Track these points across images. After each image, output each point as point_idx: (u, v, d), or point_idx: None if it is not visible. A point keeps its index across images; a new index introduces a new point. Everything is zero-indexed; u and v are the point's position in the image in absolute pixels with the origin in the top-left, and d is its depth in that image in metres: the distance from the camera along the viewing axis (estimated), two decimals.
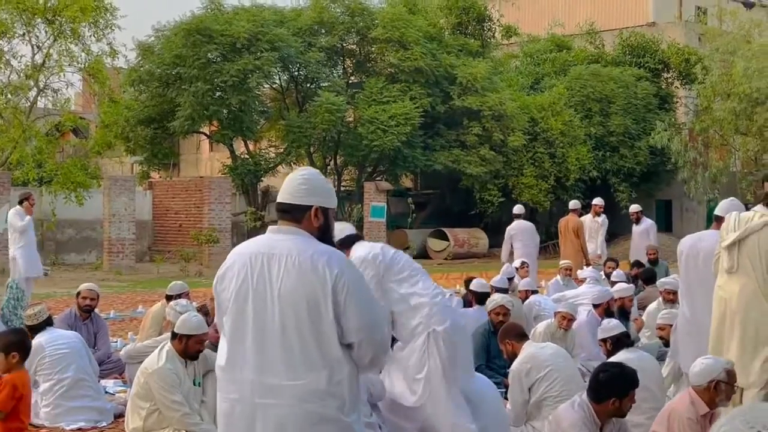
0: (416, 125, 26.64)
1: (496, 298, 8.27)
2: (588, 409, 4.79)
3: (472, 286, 9.70)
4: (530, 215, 32.00)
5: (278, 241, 3.36)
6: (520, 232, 14.81)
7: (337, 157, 28.97)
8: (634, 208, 15.35)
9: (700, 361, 4.96)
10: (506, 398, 6.79)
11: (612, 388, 4.79)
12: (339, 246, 3.84)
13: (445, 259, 27.34)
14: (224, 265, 3.44)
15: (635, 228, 15.14)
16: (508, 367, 6.80)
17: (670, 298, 9.62)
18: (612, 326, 6.47)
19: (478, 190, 28.42)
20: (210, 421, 5.89)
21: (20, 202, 13.33)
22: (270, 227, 3.44)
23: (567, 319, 8.26)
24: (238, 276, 3.34)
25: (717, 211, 6.54)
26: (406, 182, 32.57)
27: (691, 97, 33.13)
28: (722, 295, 5.46)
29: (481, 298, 9.50)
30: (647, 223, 15.32)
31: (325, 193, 3.47)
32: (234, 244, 25.43)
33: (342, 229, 5.07)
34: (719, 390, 4.79)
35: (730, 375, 4.86)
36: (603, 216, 15.48)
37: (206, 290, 16.27)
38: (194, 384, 6.09)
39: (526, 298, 10.36)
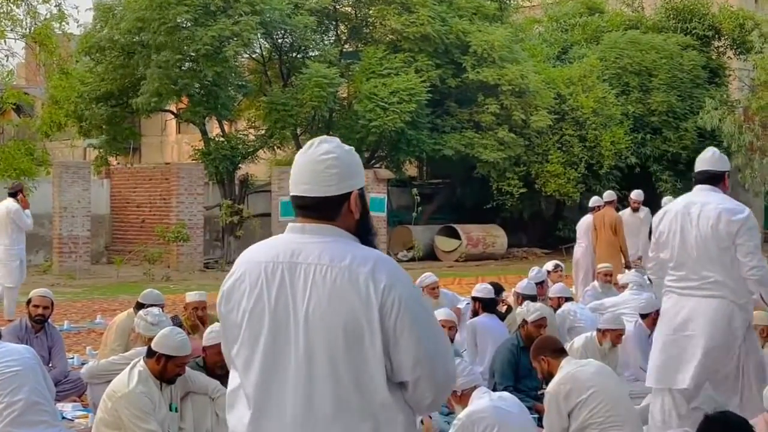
0: (422, 102, 26.58)
1: (532, 308, 8.24)
2: None
3: (477, 292, 9.70)
4: (556, 209, 32.21)
5: (303, 244, 3.00)
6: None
7: None
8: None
9: None
10: (540, 425, 6.77)
11: None
12: None
13: (457, 260, 27.33)
14: (230, 277, 3.10)
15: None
16: (541, 389, 6.78)
17: None
18: None
19: (495, 180, 28.38)
20: None
21: (13, 195, 13.52)
22: (291, 225, 3.10)
23: (619, 335, 8.24)
24: (250, 292, 3.00)
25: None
26: (411, 170, 32.52)
27: (746, 69, 33.11)
28: None
29: (488, 305, 9.50)
30: (644, 211, 15.57)
31: (360, 169, 3.14)
32: (207, 242, 25.59)
33: None
34: None
35: None
36: (646, 210, 15.50)
37: (175, 297, 16.27)
38: (171, 409, 6.07)
39: (559, 306, 10.35)
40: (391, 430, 2.94)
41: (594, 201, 15.53)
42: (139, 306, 8.64)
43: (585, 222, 15.37)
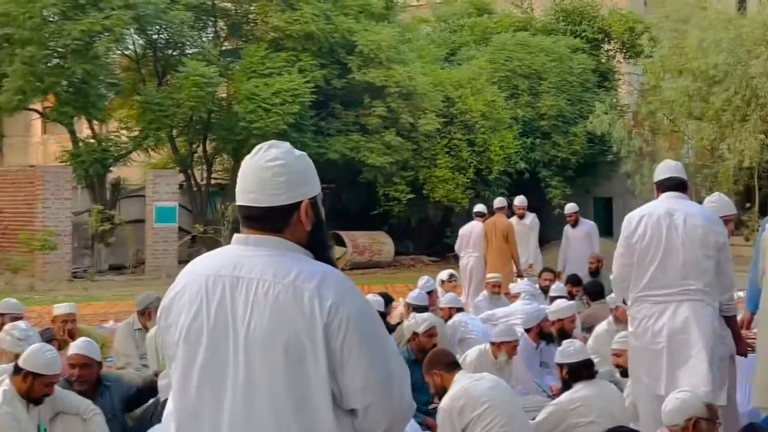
0: (306, 104, 26.53)
1: (420, 318, 8.28)
2: None
3: (412, 299, 9.75)
4: (444, 216, 32.50)
5: (247, 257, 2.88)
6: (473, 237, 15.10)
7: (207, 142, 28.59)
8: (571, 207, 15.57)
9: (674, 396, 5.04)
10: None
11: None
12: None
13: (342, 268, 27.13)
14: (171, 290, 2.98)
15: (572, 232, 15.33)
16: (433, 404, 6.80)
17: (625, 317, 9.82)
18: (574, 350, 6.55)
19: (381, 185, 28.49)
20: None
21: None
22: (236, 236, 2.97)
23: (515, 347, 8.33)
24: (189, 308, 2.89)
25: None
26: None
27: (636, 73, 34.02)
28: None
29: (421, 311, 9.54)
30: (588, 225, 15.57)
31: (313, 176, 3.03)
32: (75, 250, 25.03)
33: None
34: (699, 429, 4.87)
35: (711, 410, 4.95)
36: (532, 216, 15.67)
37: (41, 309, 15.85)
38: (39, 431, 5.88)
39: (450, 317, 10.42)
40: None
41: (479, 208, 15.68)
42: None
43: (473, 230, 15.46)
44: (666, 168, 6.57)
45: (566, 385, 6.35)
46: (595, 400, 6.02)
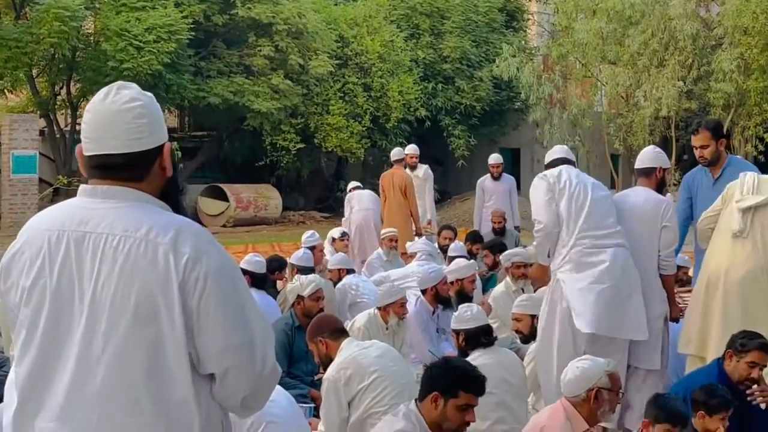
0: (184, 42, 26.17)
1: (305, 281, 8.29)
2: (416, 419, 4.84)
3: (247, 265, 9.68)
4: (337, 167, 32.51)
5: (94, 210, 2.85)
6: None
7: (72, 83, 28.02)
8: (496, 158, 15.60)
9: (574, 365, 5.14)
10: (316, 416, 6.82)
11: (436, 381, 4.87)
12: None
13: (224, 225, 27.18)
14: (10, 250, 2.94)
15: (492, 186, 15.35)
16: (318, 374, 6.83)
17: (520, 273, 10.00)
18: (470, 316, 6.63)
19: (268, 133, 28.31)
20: None
21: None
22: (82, 188, 2.92)
23: (402, 305, 8.38)
24: (30, 267, 2.86)
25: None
26: (170, 120, 31.96)
27: (546, 13, 34.31)
28: (719, 261, 6.44)
29: (258, 280, 9.50)
30: (509, 180, 15.65)
31: (162, 119, 3.00)
32: None
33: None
34: (601, 399, 4.99)
35: (614, 379, 5.07)
36: (425, 167, 15.61)
37: None
38: None
39: (339, 279, 10.44)
40: (189, 430, 2.81)
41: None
42: None
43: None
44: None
45: (463, 353, 6.43)
46: (493, 369, 6.10)
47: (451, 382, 4.81)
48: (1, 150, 25.15)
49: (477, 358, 6.27)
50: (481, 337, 6.48)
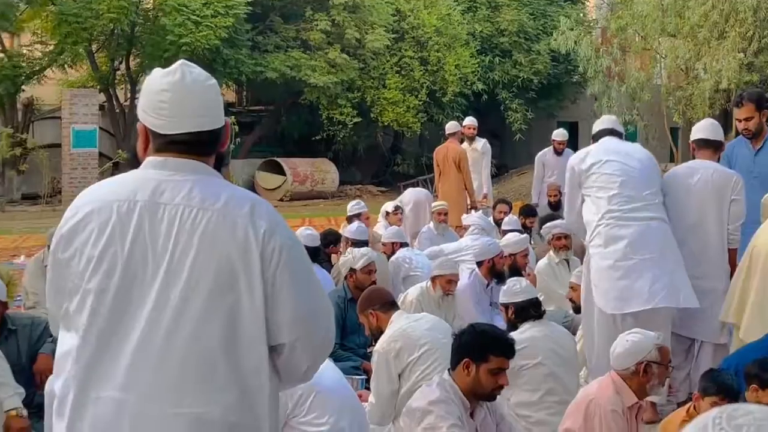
0: (241, 17, 26.27)
1: (358, 253, 8.31)
2: (450, 387, 4.86)
3: (300, 238, 9.73)
4: (394, 141, 32.49)
5: (167, 182, 2.91)
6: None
7: (131, 58, 28.24)
8: (562, 134, 15.45)
9: (624, 338, 5.12)
10: (367, 388, 6.85)
11: (465, 347, 4.88)
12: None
13: (281, 199, 27.29)
14: (70, 219, 2.95)
15: (554, 161, 15.21)
16: (370, 346, 6.85)
17: (562, 244, 9.96)
18: (519, 289, 6.61)
19: (325, 107, 28.38)
20: None
21: None
22: (151, 160, 2.97)
23: (450, 281, 8.37)
24: (98, 237, 2.88)
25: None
26: (228, 95, 32.13)
27: None
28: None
29: (310, 253, 9.56)
30: (571, 156, 15.49)
31: None
32: None
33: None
34: (650, 373, 4.96)
35: (663, 353, 5.04)
36: (483, 141, 15.54)
37: None
38: None
39: (393, 252, 10.45)
40: (260, 400, 2.89)
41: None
42: None
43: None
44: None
45: (512, 327, 6.42)
46: (542, 341, 6.10)
47: (481, 347, 4.83)
48: (62, 124, 25.41)
49: (526, 331, 6.26)
50: (530, 309, 6.46)
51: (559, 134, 15.41)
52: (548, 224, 10.45)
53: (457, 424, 4.71)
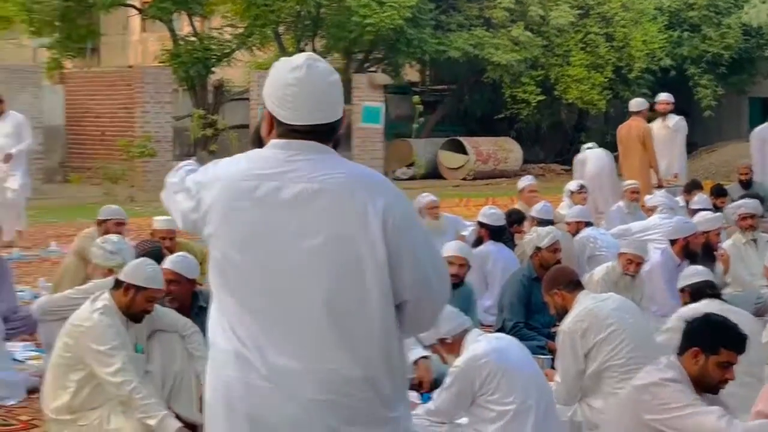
0: None
1: (543, 232, 8.31)
2: (680, 371, 4.82)
3: (484, 218, 9.82)
4: (578, 119, 32.17)
5: (290, 162, 3.20)
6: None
7: (316, 40, 28.69)
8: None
9: None
10: (553, 367, 6.86)
11: (696, 336, 4.82)
12: None
13: (464, 179, 27.36)
14: (207, 196, 3.29)
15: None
16: (555, 326, 6.86)
17: (748, 224, 9.74)
18: (695, 272, 6.53)
19: (508, 86, 28.30)
20: (157, 398, 5.90)
21: None
22: (275, 142, 3.27)
23: (635, 263, 8.30)
24: (226, 213, 3.22)
25: None
26: (411, 74, 32.35)
27: None
28: None
29: (495, 232, 9.63)
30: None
31: None
32: (176, 158, 25.44)
33: None
34: None
35: None
36: (677, 118, 15.24)
37: (141, 221, 16.30)
38: (136, 350, 6.11)
39: (577, 232, 10.40)
40: (391, 354, 3.20)
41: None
42: (100, 225, 8.96)
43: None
44: None
45: None
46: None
47: (714, 339, 4.78)
48: (250, 105, 25.96)
49: (705, 306, 6.17)
50: (705, 289, 6.42)
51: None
52: (733, 204, 10.26)
53: (699, 400, 4.70)
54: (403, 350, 3.30)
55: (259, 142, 3.35)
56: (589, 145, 15.57)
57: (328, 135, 3.25)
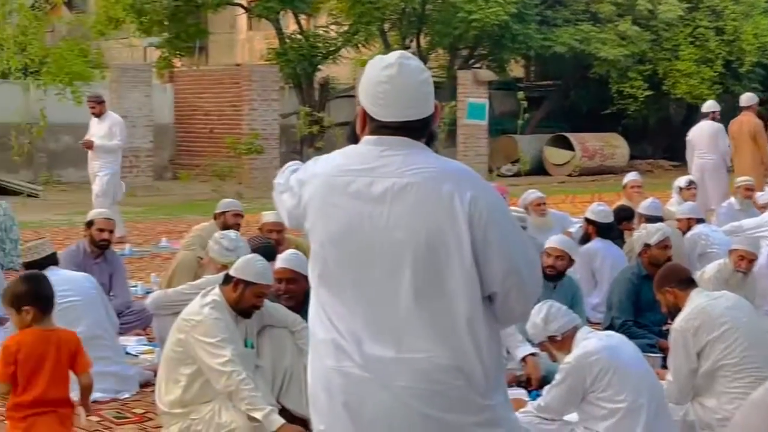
0: None
1: (652, 228, 8.21)
2: None
3: (592, 214, 9.74)
4: (687, 115, 31.68)
5: (380, 157, 3.28)
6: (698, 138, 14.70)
7: (421, 36, 28.76)
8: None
9: None
10: (664, 367, 6.77)
11: None
12: None
13: (570, 175, 27.19)
14: (304, 192, 3.39)
15: None
16: (666, 324, 6.78)
17: None
18: None
19: (615, 81, 28.06)
20: (268, 393, 5.97)
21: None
22: (367, 138, 3.35)
23: (747, 260, 8.16)
24: (326, 207, 3.32)
25: None
26: (516, 70, 32.23)
27: None
28: None
29: (603, 229, 9.55)
30: None
31: None
32: (283, 155, 25.72)
33: None
34: None
35: None
36: None
37: (249, 217, 16.48)
38: (246, 345, 6.17)
39: (688, 229, 10.26)
40: (480, 344, 3.24)
41: (708, 107, 15.12)
42: (217, 218, 9.33)
43: (702, 131, 14.98)
44: None
45: None
46: None
47: None
48: (356, 102, 26.13)
49: None
50: None
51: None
52: None
53: None
54: (497, 341, 3.34)
55: (354, 138, 3.42)
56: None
57: (420, 131, 3.32)
